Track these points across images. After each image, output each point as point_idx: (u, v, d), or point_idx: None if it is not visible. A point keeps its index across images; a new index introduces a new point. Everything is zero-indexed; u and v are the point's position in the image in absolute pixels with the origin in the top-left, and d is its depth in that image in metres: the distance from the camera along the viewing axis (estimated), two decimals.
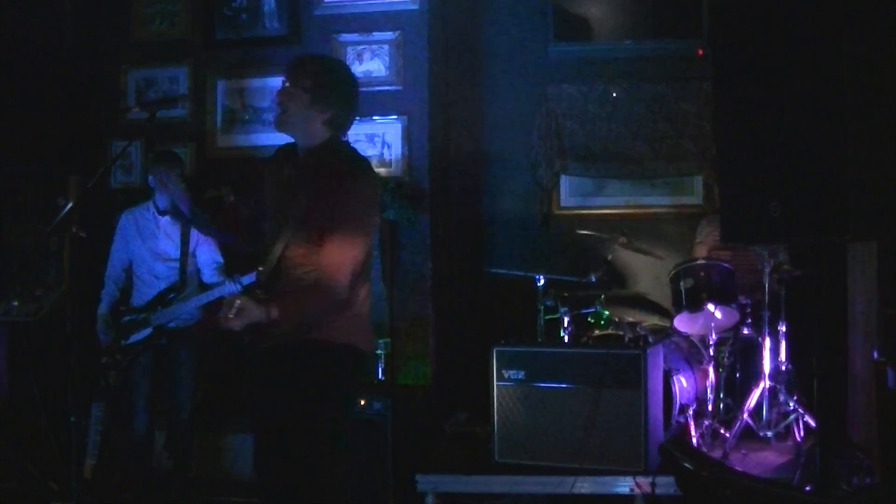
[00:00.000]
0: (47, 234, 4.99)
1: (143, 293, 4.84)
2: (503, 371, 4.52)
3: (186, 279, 4.81)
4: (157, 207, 4.85)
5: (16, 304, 5.10)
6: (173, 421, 4.85)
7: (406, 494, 4.49)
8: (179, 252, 4.80)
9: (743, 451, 4.66)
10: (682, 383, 4.76)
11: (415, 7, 5.47)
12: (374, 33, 5.51)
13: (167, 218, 4.82)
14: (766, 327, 4.84)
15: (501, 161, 6.22)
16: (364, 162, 3.24)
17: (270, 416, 3.07)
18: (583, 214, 6.05)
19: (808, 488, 3.96)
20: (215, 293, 4.66)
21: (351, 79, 3.20)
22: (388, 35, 5.49)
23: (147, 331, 4.74)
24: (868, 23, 3.24)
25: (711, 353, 4.87)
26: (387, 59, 5.50)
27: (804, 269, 4.75)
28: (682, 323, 5.02)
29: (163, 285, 4.78)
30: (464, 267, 6.10)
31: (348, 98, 3.15)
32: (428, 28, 5.51)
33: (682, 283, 4.92)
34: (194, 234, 4.79)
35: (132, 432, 4.82)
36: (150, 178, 4.79)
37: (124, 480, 5.04)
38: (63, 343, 4.84)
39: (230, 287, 4.49)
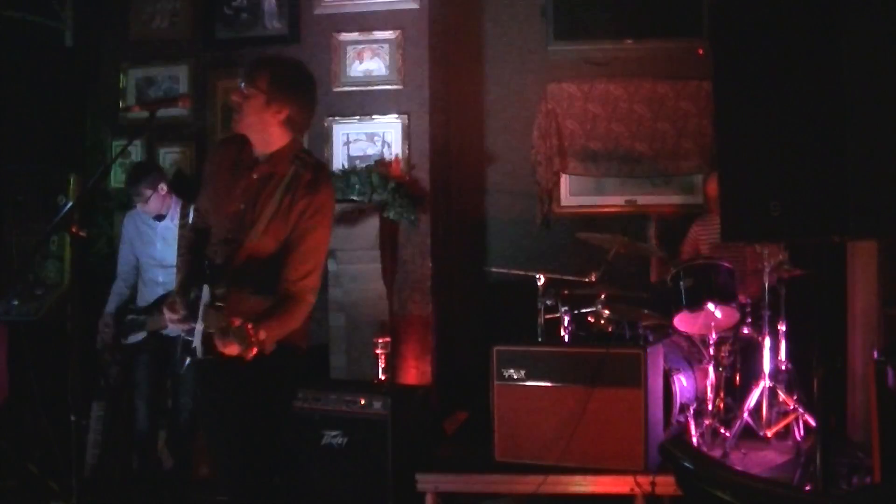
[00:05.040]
0: (47, 234, 4.98)
1: (147, 295, 4.84)
2: (503, 371, 4.51)
3: None
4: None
5: (16, 303, 5.09)
6: (174, 420, 4.84)
7: (406, 494, 4.48)
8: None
9: (743, 451, 4.67)
10: (682, 382, 4.76)
11: (415, 6, 5.47)
12: (374, 32, 5.51)
13: (165, 223, 4.81)
14: (766, 327, 4.85)
15: (501, 161, 6.22)
16: (326, 170, 3.21)
17: (239, 423, 2.98)
18: (583, 214, 6.05)
19: (807, 488, 3.96)
20: None
21: (308, 77, 3.10)
22: (388, 34, 5.49)
23: (143, 334, 4.73)
24: (868, 22, 3.24)
25: (711, 352, 4.87)
26: (387, 58, 5.49)
27: (804, 269, 4.75)
28: (682, 322, 5.01)
29: (162, 290, 4.77)
30: (464, 267, 6.10)
31: (305, 96, 3.05)
32: (428, 28, 5.50)
33: (682, 283, 4.91)
34: None
35: (133, 431, 4.82)
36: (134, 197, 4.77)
37: (125, 480, 5.04)
38: (63, 343, 4.84)
39: None
